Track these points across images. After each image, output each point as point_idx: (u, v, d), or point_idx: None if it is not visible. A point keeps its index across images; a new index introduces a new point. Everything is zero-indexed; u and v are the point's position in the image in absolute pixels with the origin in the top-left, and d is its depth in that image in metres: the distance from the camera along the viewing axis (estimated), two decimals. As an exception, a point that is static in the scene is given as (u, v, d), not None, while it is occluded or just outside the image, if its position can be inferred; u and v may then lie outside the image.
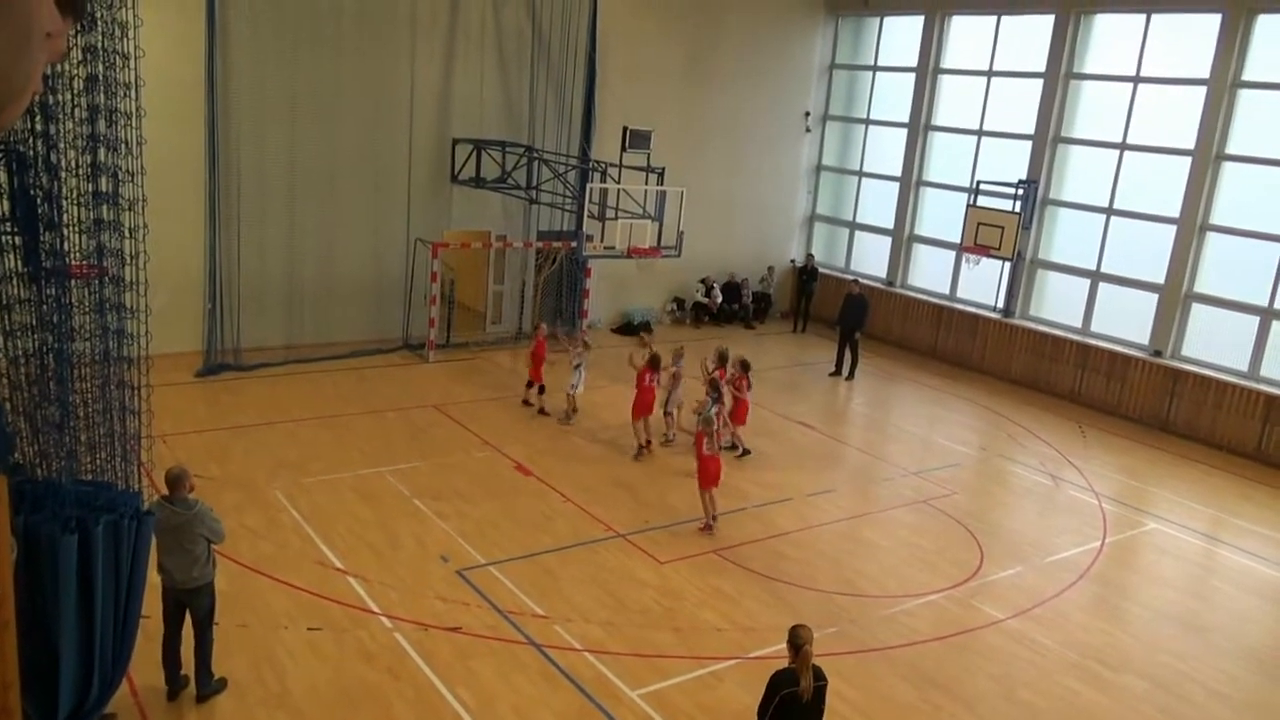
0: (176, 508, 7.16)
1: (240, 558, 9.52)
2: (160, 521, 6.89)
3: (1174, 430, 16.55)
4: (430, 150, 17.55)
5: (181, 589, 7.30)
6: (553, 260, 19.09)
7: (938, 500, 12.85)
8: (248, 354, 15.74)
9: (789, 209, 23.40)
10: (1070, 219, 18.74)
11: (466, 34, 17.51)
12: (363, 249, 17.24)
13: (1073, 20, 18.14)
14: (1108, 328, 18.00)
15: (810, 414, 16.14)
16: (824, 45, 22.70)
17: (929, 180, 21.22)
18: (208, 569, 7.39)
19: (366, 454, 12.56)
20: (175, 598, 7.36)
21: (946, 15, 20.46)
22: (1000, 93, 19.73)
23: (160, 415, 9.42)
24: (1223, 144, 16.34)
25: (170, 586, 7.32)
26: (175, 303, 15.22)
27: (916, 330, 20.88)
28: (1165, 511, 13.31)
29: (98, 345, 5.34)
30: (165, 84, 14.59)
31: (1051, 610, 10.15)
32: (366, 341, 17.11)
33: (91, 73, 5.09)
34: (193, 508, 7.24)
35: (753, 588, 10.02)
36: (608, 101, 19.01)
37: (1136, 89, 17.44)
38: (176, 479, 7.25)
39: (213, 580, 7.49)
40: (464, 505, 11.32)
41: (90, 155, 5.13)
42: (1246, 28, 15.90)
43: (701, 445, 11.25)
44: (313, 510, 10.80)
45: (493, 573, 9.82)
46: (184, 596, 7.35)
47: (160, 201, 14.77)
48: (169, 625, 7.45)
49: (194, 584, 7.31)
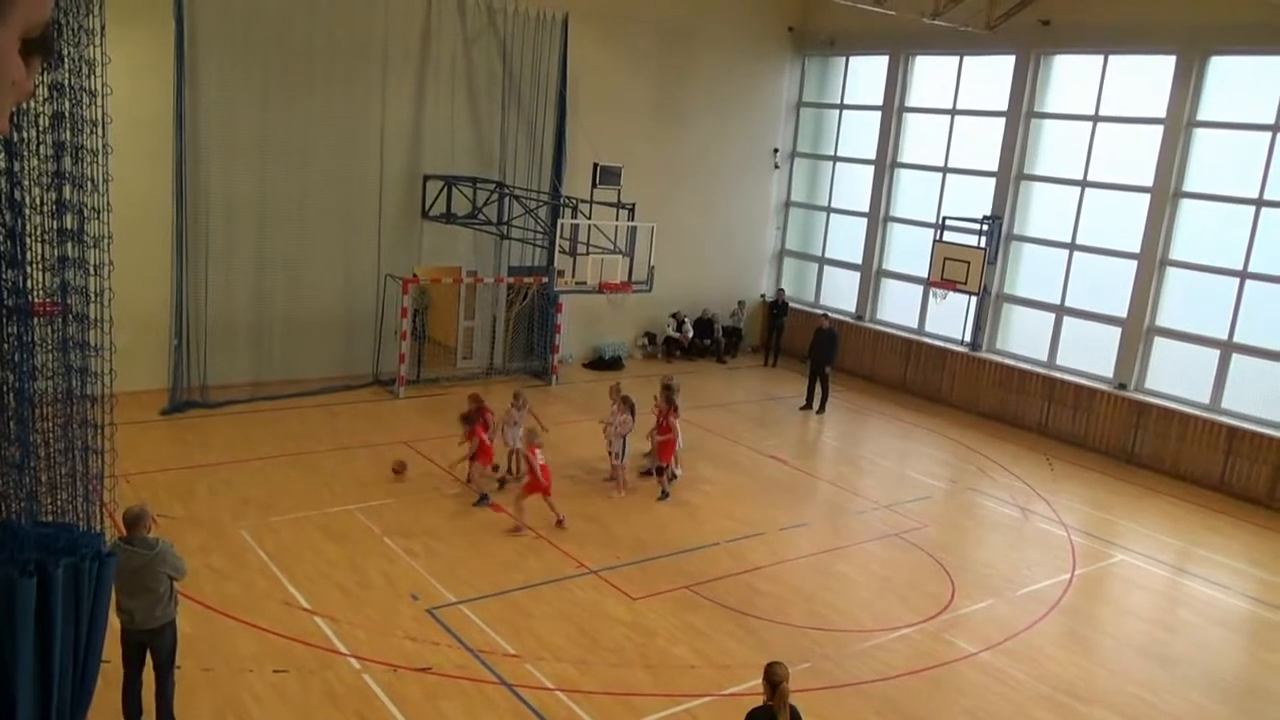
0: (137, 548, 7.03)
1: (205, 599, 9.35)
2: (120, 563, 6.70)
3: (1140, 462, 16.75)
4: (401, 186, 17.56)
5: (143, 629, 7.15)
6: (524, 296, 19.09)
7: (909, 533, 12.89)
8: (215, 391, 15.56)
9: (759, 244, 23.61)
10: (1034, 254, 19.04)
11: (437, 71, 17.61)
12: (333, 285, 17.16)
13: (1033, 60, 18.56)
14: (1073, 361, 18.24)
15: (782, 448, 16.17)
16: (791, 84, 23.04)
17: (896, 216, 21.50)
18: (170, 607, 7.25)
19: (335, 492, 12.42)
20: (136, 639, 7.21)
21: (910, 55, 20.85)
22: (964, 130, 20.10)
23: (124, 454, 9.28)
24: (1180, 181, 16.71)
25: (131, 628, 7.17)
26: (141, 340, 15.04)
27: (886, 364, 21.05)
28: (1133, 543, 13.43)
29: (60, 384, 5.26)
30: (133, 121, 14.51)
31: (1023, 643, 10.18)
32: (336, 378, 16.99)
33: (58, 110, 5.06)
34: (154, 547, 7.11)
35: (726, 623, 9.98)
36: (578, 138, 19.14)
37: (1096, 127, 17.83)
38: (136, 518, 7.15)
39: (175, 619, 7.35)
40: (434, 543, 11.21)
41: (55, 192, 5.09)
42: (1200, 69, 16.33)
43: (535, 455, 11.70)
44: (280, 550, 10.65)
45: (463, 611, 9.70)
46: (145, 637, 7.20)
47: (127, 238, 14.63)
48: (129, 668, 7.29)
49: (156, 623, 7.16)
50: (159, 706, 7.35)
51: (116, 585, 6.73)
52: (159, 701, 7.35)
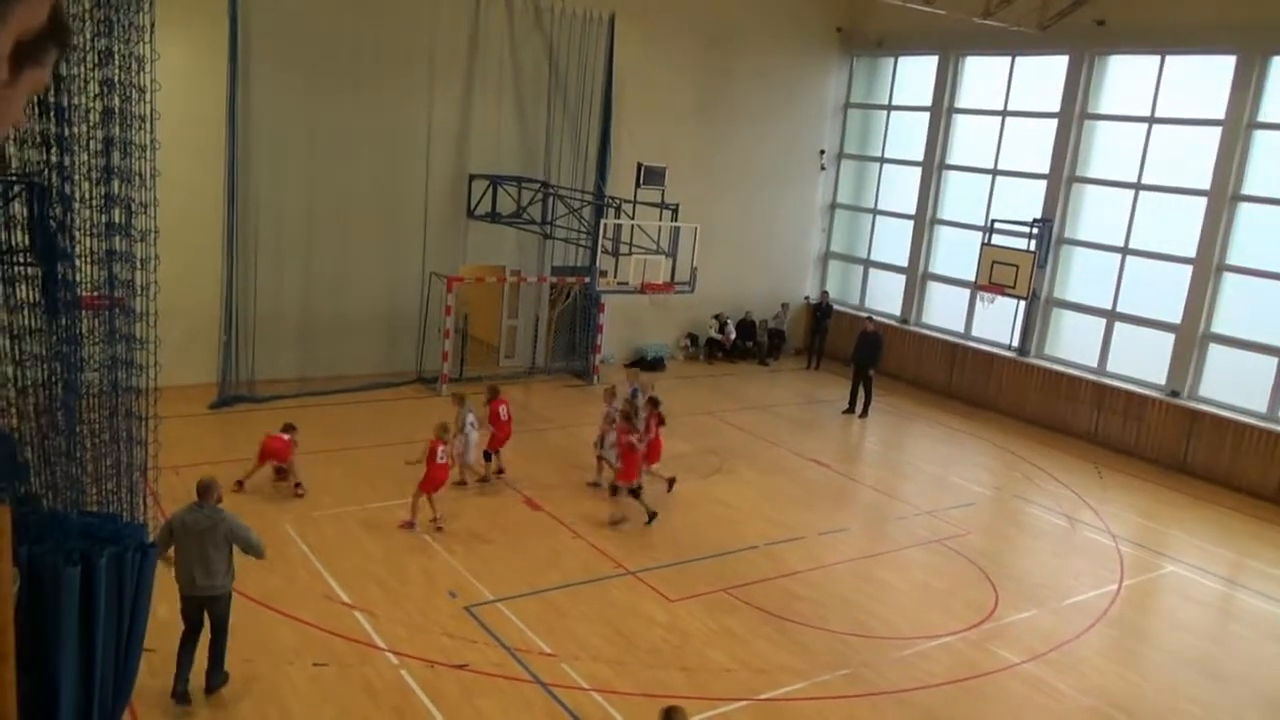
0: (204, 512, 7.57)
1: (248, 591, 9.44)
2: (186, 524, 7.46)
3: (1192, 472, 16.34)
4: (447, 185, 17.69)
5: (203, 594, 7.63)
6: (567, 295, 19.13)
7: (952, 540, 12.69)
8: (261, 386, 15.78)
9: (803, 246, 23.43)
10: (1085, 258, 18.67)
11: (484, 72, 17.70)
12: (378, 283, 17.34)
13: (1087, 61, 18.19)
14: (1124, 368, 17.85)
15: (823, 451, 16.02)
16: (839, 84, 22.84)
17: (943, 218, 21.21)
18: (227, 580, 7.74)
19: (377, 488, 12.52)
20: (196, 602, 7.69)
21: (960, 55, 20.56)
22: (1015, 132, 19.77)
23: (173, 446, 9.44)
24: (1238, 185, 16.28)
25: (191, 593, 7.65)
26: (192, 335, 15.32)
27: (931, 368, 20.77)
28: (1183, 554, 13.10)
29: (107, 376, 5.34)
30: (186, 119, 14.81)
31: (1068, 654, 9.97)
32: (380, 374, 17.15)
33: (108, 105, 5.14)
34: (219, 515, 7.64)
35: (763, 627, 9.89)
36: (623, 138, 19.14)
37: (1151, 129, 17.43)
38: (206, 488, 7.68)
39: (230, 591, 7.81)
40: (473, 540, 11.25)
41: (104, 187, 5.17)
42: (1261, 70, 15.90)
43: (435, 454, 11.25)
44: (321, 544, 10.76)
45: (500, 609, 9.73)
46: (204, 601, 7.69)
47: (179, 235, 14.90)
48: (189, 627, 7.76)
49: (215, 591, 7.66)
50: (212, 657, 7.83)
51: (179, 547, 7.42)
52: (212, 653, 7.83)
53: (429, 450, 11.27)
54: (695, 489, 13.60)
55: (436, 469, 11.25)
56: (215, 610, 7.74)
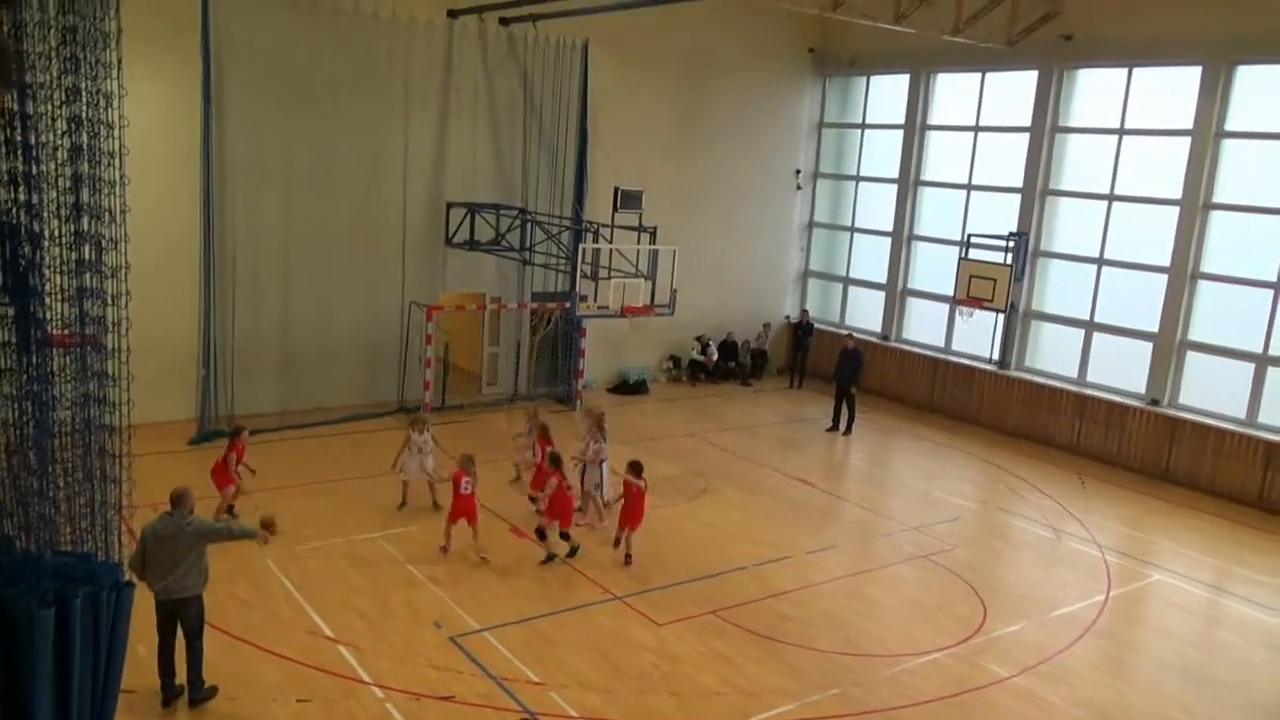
0: (173, 518, 7.76)
1: (230, 628, 9.35)
2: (156, 532, 7.71)
3: (1174, 479, 16.43)
4: (424, 214, 17.70)
5: (172, 598, 7.78)
6: (548, 321, 19.12)
7: (938, 555, 12.69)
8: (241, 420, 15.62)
9: (782, 265, 23.54)
10: (1062, 270, 18.82)
11: (459, 99, 17.76)
12: (357, 313, 17.29)
13: (1055, 75, 18.42)
14: (1104, 377, 17.97)
15: (808, 470, 16.02)
16: (812, 104, 23.04)
17: (920, 234, 21.37)
18: (197, 580, 7.85)
19: (360, 520, 12.43)
20: (167, 608, 7.85)
21: (931, 73, 20.79)
22: (987, 147, 19.97)
23: (152, 484, 9.34)
24: (1209, 193, 16.48)
25: (162, 598, 7.81)
26: (169, 370, 15.23)
27: (913, 384, 20.85)
28: (1169, 562, 13.13)
29: (79, 414, 5.29)
30: (161, 154, 14.82)
31: (1057, 667, 9.95)
32: (362, 405, 17.07)
33: (76, 143, 5.12)
34: (187, 520, 7.82)
35: (753, 649, 9.84)
36: (599, 163, 19.22)
37: (1122, 140, 17.65)
38: (179, 497, 7.91)
39: (201, 592, 7.93)
40: (458, 569, 11.16)
41: (74, 224, 5.14)
42: (1227, 79, 16.13)
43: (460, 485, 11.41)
44: (304, 578, 10.65)
45: (487, 638, 9.64)
46: (174, 606, 7.84)
47: (155, 270, 14.88)
48: (161, 635, 7.93)
49: (184, 594, 7.79)
50: (189, 668, 7.99)
51: (150, 554, 7.66)
52: (189, 664, 7.98)
53: (453, 481, 11.51)
54: (681, 511, 13.56)
55: (462, 499, 11.43)
56: (186, 615, 7.86)
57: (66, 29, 4.91)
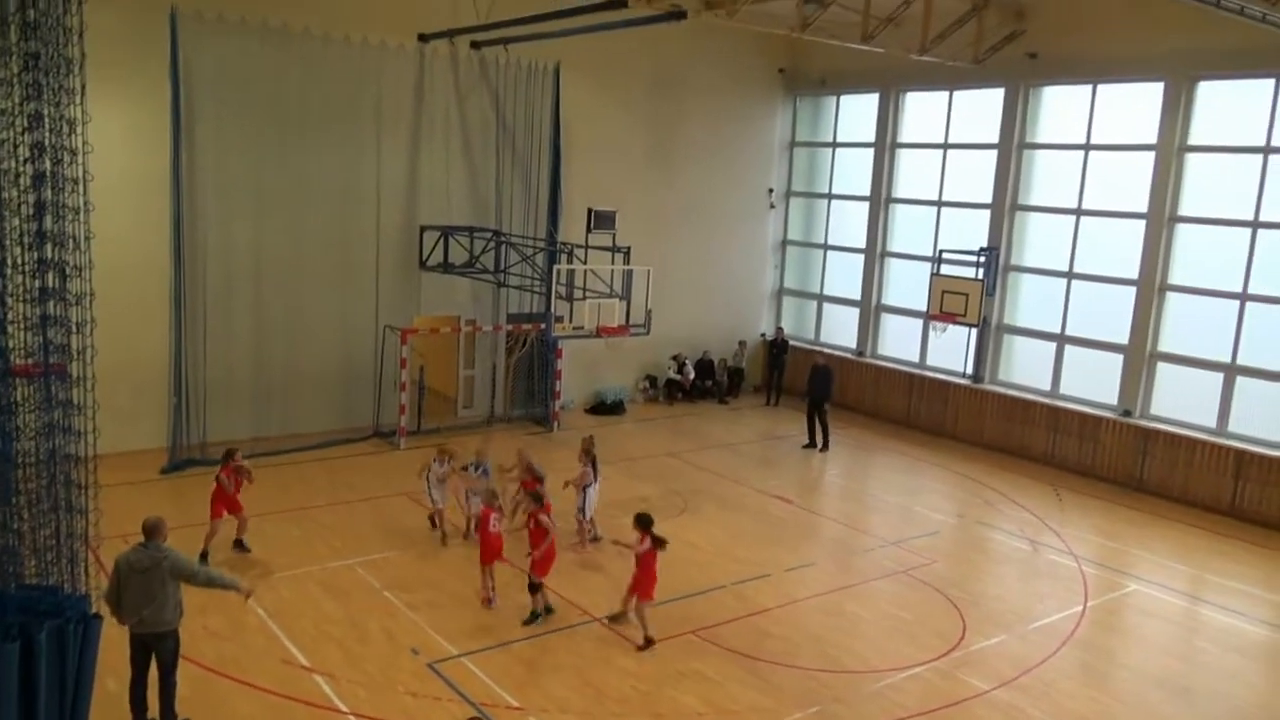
0: (148, 551, 7.55)
1: (203, 660, 9.19)
2: (130, 563, 7.49)
3: (1148, 489, 16.56)
4: (398, 238, 17.63)
5: (148, 632, 7.61)
6: (523, 343, 19.08)
7: (918, 570, 12.70)
8: (214, 448, 15.40)
9: (757, 284, 23.63)
10: (1033, 284, 19.00)
11: (431, 123, 17.75)
12: (331, 338, 17.17)
13: (1022, 92, 18.67)
14: (1077, 390, 18.12)
15: (787, 487, 16.02)
16: (784, 124, 23.22)
17: (893, 251, 21.52)
18: (174, 615, 7.70)
19: (335, 547, 12.29)
20: (142, 642, 7.69)
21: (900, 91, 21.01)
22: (957, 164, 20.18)
23: (123, 514, 9.23)
24: (1175, 206, 16.71)
25: (138, 631, 7.64)
26: (140, 399, 15.06)
27: (889, 399, 20.94)
28: (1145, 572, 13.21)
29: (44, 443, 5.20)
30: (130, 180, 14.71)
31: (1037, 679, 9.96)
32: (336, 431, 16.93)
33: (39, 170, 5.06)
34: (163, 552, 7.59)
35: (734, 669, 9.78)
36: (572, 184, 19.25)
37: (1088, 156, 17.89)
38: (153, 527, 7.66)
39: (177, 627, 7.79)
40: (435, 595, 11.05)
41: (36, 252, 5.07)
42: (1188, 94, 16.41)
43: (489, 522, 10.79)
44: (279, 607, 10.50)
45: (465, 664, 9.53)
46: (150, 640, 7.67)
47: (124, 297, 14.75)
48: (135, 668, 7.79)
49: (160, 628, 7.63)
50: (163, 705, 7.83)
51: (124, 586, 7.48)
52: (162, 700, 7.83)
53: (481, 520, 11.02)
54: (660, 531, 13.45)
55: (491, 539, 10.81)
56: (161, 650, 7.74)
57: (28, 55, 4.86)
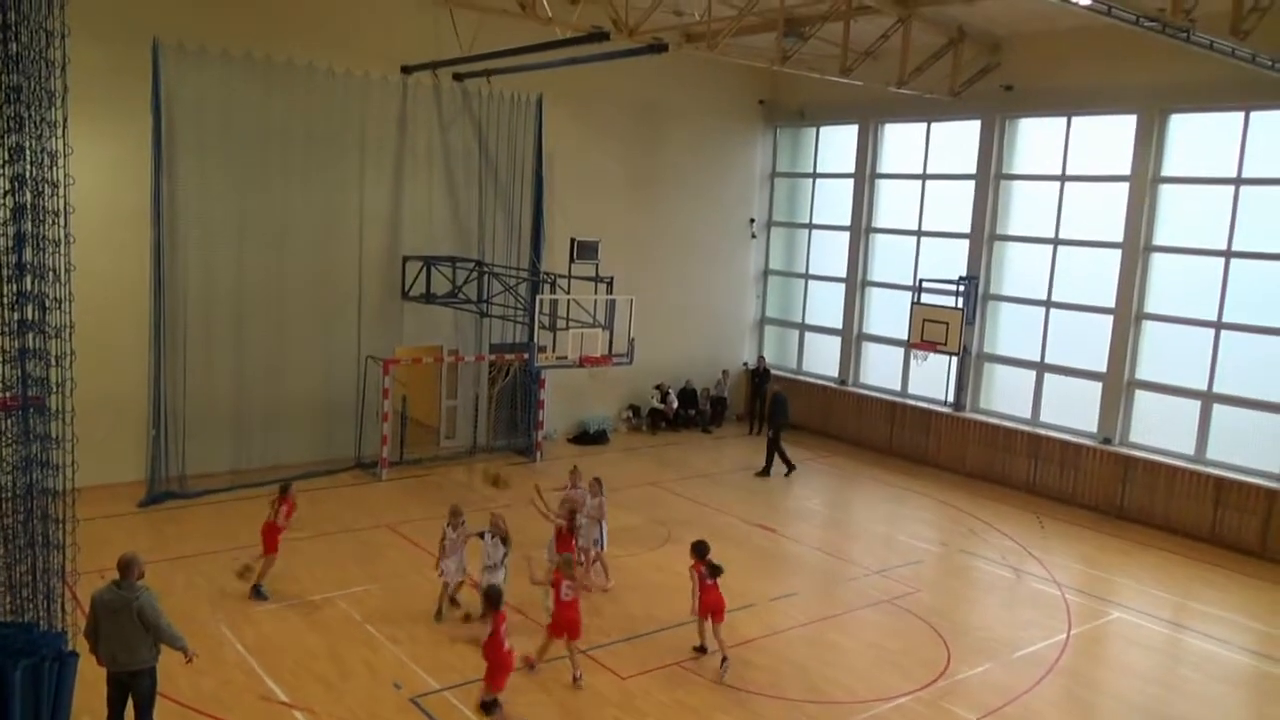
0: (122, 592, 7.38)
1: (180, 697, 9.04)
2: (105, 602, 7.31)
3: (1129, 516, 16.65)
4: (381, 268, 17.63)
5: (124, 670, 7.48)
6: (506, 373, 19.05)
7: (902, 599, 12.69)
8: (193, 481, 15.34)
9: (739, 313, 23.73)
10: (1012, 312, 19.17)
11: (414, 154, 17.82)
12: (313, 369, 17.10)
13: (998, 124, 18.94)
14: (1057, 417, 18.24)
15: (770, 516, 16.01)
16: (764, 155, 23.44)
17: (874, 280, 21.68)
18: (149, 653, 7.57)
19: (317, 579, 12.17)
20: (118, 680, 7.55)
21: (879, 123, 21.26)
22: (936, 194, 20.40)
23: (100, 548, 9.11)
24: (1149, 236, 16.94)
25: (113, 669, 7.51)
26: (119, 431, 14.92)
27: (871, 427, 21.00)
28: (1128, 599, 13.25)
29: (21, 478, 5.14)
30: (111, 213, 14.65)
31: (1022, 707, 9.95)
32: (318, 462, 16.81)
33: (19, 202, 5.05)
34: (136, 592, 7.43)
35: (719, 700, 9.72)
36: (555, 214, 19.33)
37: (1064, 186, 18.13)
38: (127, 564, 7.49)
39: (154, 665, 7.64)
40: (417, 628, 10.94)
41: (16, 284, 5.04)
42: (1161, 126, 16.69)
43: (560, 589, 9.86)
44: (259, 642, 10.37)
45: (448, 698, 9.43)
46: (125, 678, 7.53)
47: (103, 330, 14.64)
48: (111, 707, 7.64)
49: (135, 666, 7.49)
50: None
51: (99, 625, 7.31)
52: None
53: (553, 586, 9.94)
54: (645, 561, 13.45)
55: (564, 607, 9.79)
56: (137, 688, 7.59)
57: (10, 88, 4.86)
